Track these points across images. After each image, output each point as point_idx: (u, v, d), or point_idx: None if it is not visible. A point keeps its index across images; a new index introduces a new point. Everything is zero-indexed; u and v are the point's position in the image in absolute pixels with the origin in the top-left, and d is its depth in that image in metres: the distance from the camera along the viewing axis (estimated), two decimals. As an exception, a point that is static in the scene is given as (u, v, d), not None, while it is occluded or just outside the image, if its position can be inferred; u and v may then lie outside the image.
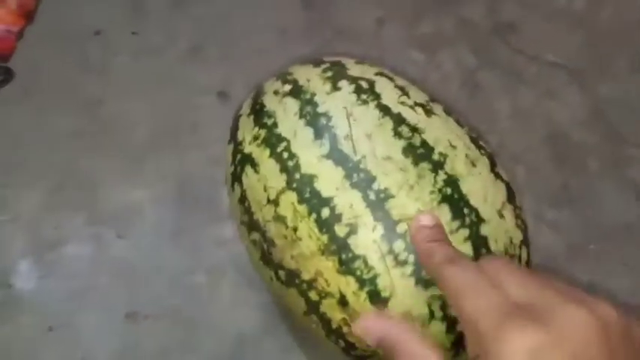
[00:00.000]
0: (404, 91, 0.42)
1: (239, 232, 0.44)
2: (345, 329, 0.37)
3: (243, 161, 0.42)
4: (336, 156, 0.38)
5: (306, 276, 0.37)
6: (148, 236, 0.56)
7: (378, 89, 0.41)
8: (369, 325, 0.35)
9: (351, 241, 0.36)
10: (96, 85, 0.64)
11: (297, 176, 0.38)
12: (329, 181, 0.37)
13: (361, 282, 0.35)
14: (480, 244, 0.36)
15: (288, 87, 0.43)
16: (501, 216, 0.38)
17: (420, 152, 0.38)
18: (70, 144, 0.60)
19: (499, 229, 0.37)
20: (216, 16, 0.68)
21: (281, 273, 0.39)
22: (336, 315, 0.37)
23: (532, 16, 0.70)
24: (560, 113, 0.64)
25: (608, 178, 0.61)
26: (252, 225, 0.41)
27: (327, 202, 0.37)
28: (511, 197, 0.39)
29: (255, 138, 0.42)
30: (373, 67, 0.44)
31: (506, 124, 0.63)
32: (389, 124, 0.39)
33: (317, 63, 0.45)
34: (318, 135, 0.39)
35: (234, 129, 0.45)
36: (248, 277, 0.54)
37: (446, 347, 0.36)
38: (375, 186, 0.36)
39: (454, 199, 0.36)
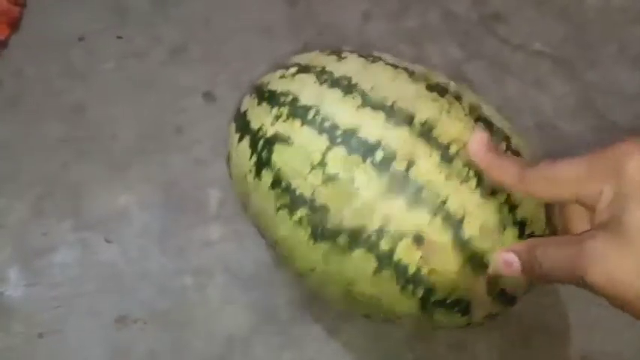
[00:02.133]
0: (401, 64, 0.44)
1: (269, 226, 0.42)
2: (423, 270, 0.37)
3: (269, 143, 0.41)
4: (371, 104, 0.39)
5: (373, 226, 0.37)
6: (135, 240, 0.56)
7: (378, 54, 0.44)
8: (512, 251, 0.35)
9: (412, 173, 0.37)
10: (81, 90, 0.64)
11: (339, 132, 0.38)
12: (372, 127, 0.38)
13: (433, 211, 0.36)
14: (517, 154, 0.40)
15: (294, 68, 0.43)
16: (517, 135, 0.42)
17: (440, 88, 0.41)
18: (57, 150, 0.60)
19: (521, 141, 0.42)
20: (199, 16, 0.68)
21: (341, 239, 0.38)
22: (413, 257, 0.37)
23: (518, 6, 0.69)
24: (548, 103, 0.63)
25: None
26: (294, 203, 0.39)
27: (377, 146, 0.37)
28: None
29: (278, 117, 0.41)
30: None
31: (494, 116, 0.62)
32: (403, 73, 0.41)
33: (309, 51, 0.46)
34: (346, 92, 0.39)
35: (244, 125, 0.44)
36: (236, 277, 0.54)
37: None
38: (417, 120, 0.38)
39: (483, 119, 0.40)
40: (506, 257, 0.34)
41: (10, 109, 0.63)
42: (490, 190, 0.37)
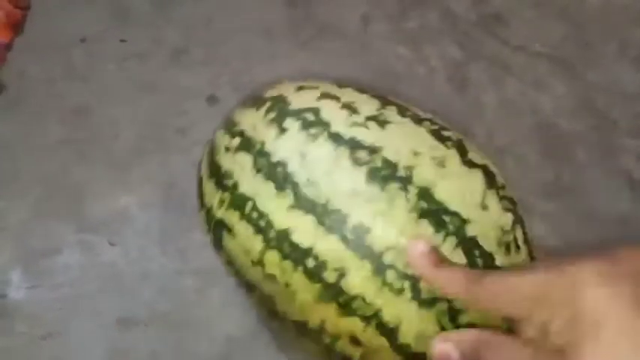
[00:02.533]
0: (352, 109, 0.40)
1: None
2: None
3: (218, 227, 0.42)
4: (303, 204, 0.37)
5: (313, 324, 0.38)
6: (136, 241, 0.56)
7: (324, 117, 0.40)
8: (451, 341, 0.34)
9: (343, 284, 0.36)
10: (83, 92, 0.64)
11: (273, 234, 0.38)
12: (304, 231, 0.37)
13: (366, 319, 0.36)
14: (470, 247, 0.35)
15: (237, 141, 0.42)
16: (484, 207, 0.37)
17: (383, 174, 0.36)
18: (59, 152, 0.60)
19: (486, 224, 0.36)
20: (199, 18, 0.68)
21: (290, 325, 0.39)
22: (354, 352, 0.37)
23: (517, 7, 0.69)
24: (547, 103, 0.63)
25: (599, 168, 0.60)
26: (248, 286, 0.41)
27: (308, 252, 0.37)
28: (490, 181, 0.38)
29: (222, 202, 0.41)
30: (315, 90, 0.43)
31: (494, 116, 0.62)
32: (345, 153, 0.37)
33: (258, 104, 0.44)
34: (279, 187, 0.38)
35: (201, 195, 0.45)
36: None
37: None
38: (350, 224, 0.36)
39: (432, 211, 0.36)
40: (442, 348, 0.34)
41: (12, 110, 0.63)
42: (430, 299, 0.35)
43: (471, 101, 0.63)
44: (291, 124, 0.40)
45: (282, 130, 0.40)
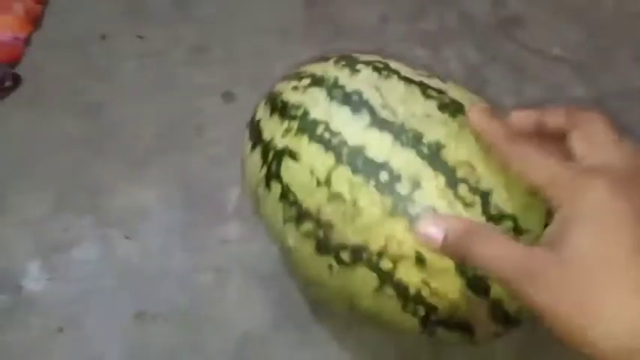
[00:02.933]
0: (416, 68, 0.43)
1: (279, 235, 0.43)
2: (424, 291, 0.37)
3: (279, 156, 0.41)
4: (380, 123, 0.38)
5: (375, 246, 0.37)
6: (154, 237, 0.56)
7: (393, 67, 0.42)
8: (434, 224, 0.34)
9: (416, 195, 0.36)
10: (101, 89, 0.64)
11: (346, 151, 0.38)
12: (379, 147, 0.37)
13: None
14: None
15: (306, 80, 0.43)
16: None
17: (453, 108, 0.39)
18: (77, 148, 0.61)
19: None
20: (218, 17, 0.68)
21: (344, 254, 0.38)
22: (414, 278, 0.36)
23: (536, 10, 0.70)
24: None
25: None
26: (301, 216, 0.40)
27: (382, 166, 0.37)
28: None
29: (288, 131, 0.41)
30: (380, 56, 0.45)
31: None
32: (417, 89, 0.40)
33: (325, 58, 0.45)
34: (355, 110, 0.39)
35: (257, 134, 0.45)
36: (254, 275, 0.54)
37: None
38: (425, 141, 0.37)
39: None
40: (428, 231, 0.34)
41: (30, 104, 0.63)
42: (498, 215, 0.36)
43: (490, 104, 0.63)
44: (363, 68, 0.42)
45: (355, 71, 0.42)
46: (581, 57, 0.66)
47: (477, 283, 0.36)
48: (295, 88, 0.43)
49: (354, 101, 0.40)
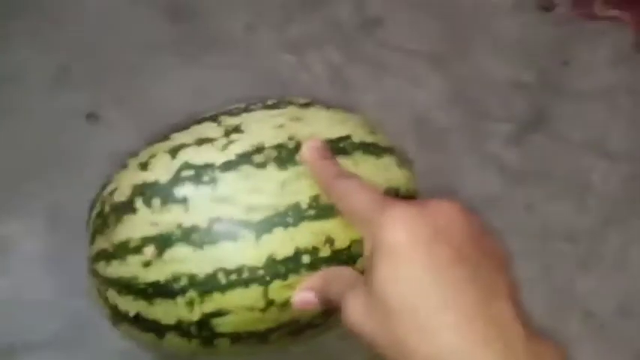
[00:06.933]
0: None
1: None
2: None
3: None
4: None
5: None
6: (22, 269, 0.55)
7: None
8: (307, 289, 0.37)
9: None
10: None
11: None
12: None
13: None
14: None
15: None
16: None
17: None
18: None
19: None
20: (81, 37, 0.68)
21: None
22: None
23: (396, 9, 0.73)
24: (423, 97, 0.67)
25: (471, 154, 0.64)
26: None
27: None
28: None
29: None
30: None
31: (374, 115, 0.65)
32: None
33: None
34: None
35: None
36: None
37: None
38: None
39: None
40: (302, 296, 0.37)
41: None
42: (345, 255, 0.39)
43: (353, 102, 0.66)
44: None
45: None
46: (439, 50, 0.70)
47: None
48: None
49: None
